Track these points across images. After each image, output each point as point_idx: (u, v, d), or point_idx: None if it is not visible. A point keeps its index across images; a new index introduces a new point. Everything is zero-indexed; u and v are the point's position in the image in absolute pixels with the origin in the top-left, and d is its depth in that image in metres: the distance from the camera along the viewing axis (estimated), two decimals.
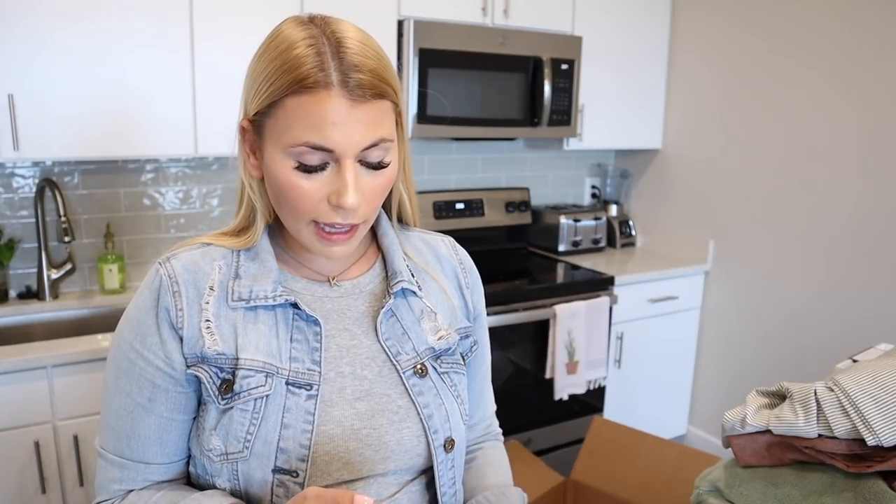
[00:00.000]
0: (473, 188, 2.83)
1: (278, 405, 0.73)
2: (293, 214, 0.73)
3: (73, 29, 1.78)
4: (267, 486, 0.72)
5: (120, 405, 0.76)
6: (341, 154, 0.69)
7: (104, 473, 0.79)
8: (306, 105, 0.67)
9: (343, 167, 0.69)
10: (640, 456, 1.69)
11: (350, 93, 0.67)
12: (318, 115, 0.67)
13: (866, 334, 2.23)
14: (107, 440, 0.78)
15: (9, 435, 1.63)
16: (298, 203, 0.71)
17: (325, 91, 0.67)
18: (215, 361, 0.74)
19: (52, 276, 2.07)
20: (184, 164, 2.27)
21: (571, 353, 2.39)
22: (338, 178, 0.70)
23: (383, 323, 0.80)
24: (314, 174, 0.70)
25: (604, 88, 2.68)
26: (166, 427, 0.76)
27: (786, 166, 2.46)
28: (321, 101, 0.67)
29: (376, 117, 0.70)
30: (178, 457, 0.79)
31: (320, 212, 0.71)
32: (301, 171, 0.70)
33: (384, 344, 0.79)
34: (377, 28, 2.17)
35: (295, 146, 0.68)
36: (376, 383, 0.78)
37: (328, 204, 0.71)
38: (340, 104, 0.67)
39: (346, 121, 0.67)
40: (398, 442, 0.77)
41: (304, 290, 0.80)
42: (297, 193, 0.70)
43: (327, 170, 0.70)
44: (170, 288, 0.75)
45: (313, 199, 0.70)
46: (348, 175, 0.69)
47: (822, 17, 2.30)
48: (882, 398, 0.73)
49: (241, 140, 0.76)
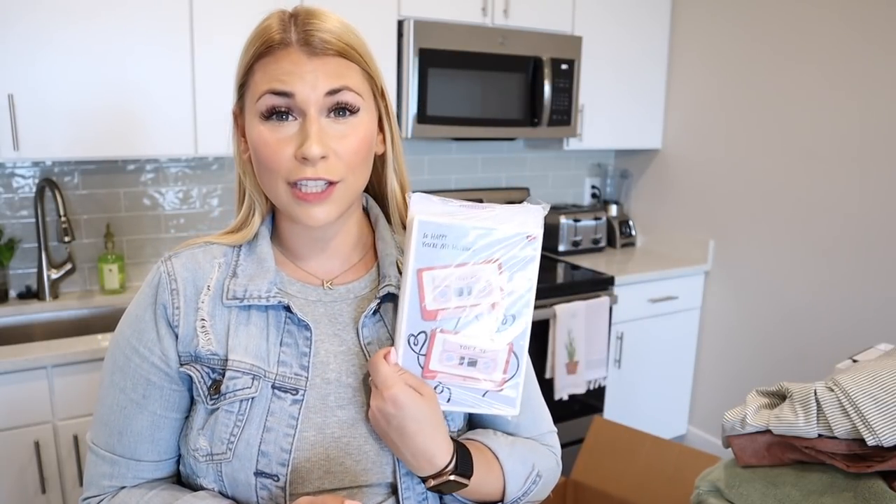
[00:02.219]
0: (473, 188, 2.83)
1: (263, 408, 0.73)
2: (269, 177, 0.73)
3: (73, 29, 1.78)
4: (251, 489, 0.72)
5: (113, 400, 0.77)
6: (302, 101, 0.71)
7: (94, 468, 0.79)
8: (269, 63, 0.72)
9: (307, 118, 0.71)
10: (640, 456, 1.69)
11: (308, 48, 0.71)
12: (277, 67, 0.71)
13: (866, 334, 2.23)
14: (98, 435, 0.79)
15: (9, 435, 1.63)
16: (270, 160, 0.72)
17: (285, 49, 0.71)
18: (208, 361, 0.74)
19: (52, 276, 2.07)
20: (184, 164, 2.27)
21: (571, 353, 2.39)
22: (302, 131, 0.71)
23: (367, 326, 0.79)
24: (280, 127, 0.72)
25: (604, 88, 2.68)
26: (159, 424, 0.76)
27: (786, 166, 2.46)
28: (281, 56, 0.71)
29: (337, 70, 0.72)
30: (168, 455, 0.79)
31: (291, 169, 0.72)
32: (267, 122, 0.72)
33: (366, 348, 0.78)
34: (377, 28, 2.17)
35: (259, 98, 0.72)
36: (360, 392, 0.77)
37: (296, 160, 0.71)
38: (299, 56, 0.71)
39: (305, 69, 0.71)
40: (378, 453, 0.75)
41: (298, 292, 0.80)
42: (268, 150, 0.72)
43: (294, 124, 0.72)
44: (168, 285, 0.76)
45: (282, 154, 0.71)
46: (311, 125, 0.71)
47: (822, 16, 2.30)
48: (882, 398, 0.73)
49: (234, 128, 0.79)
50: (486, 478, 0.77)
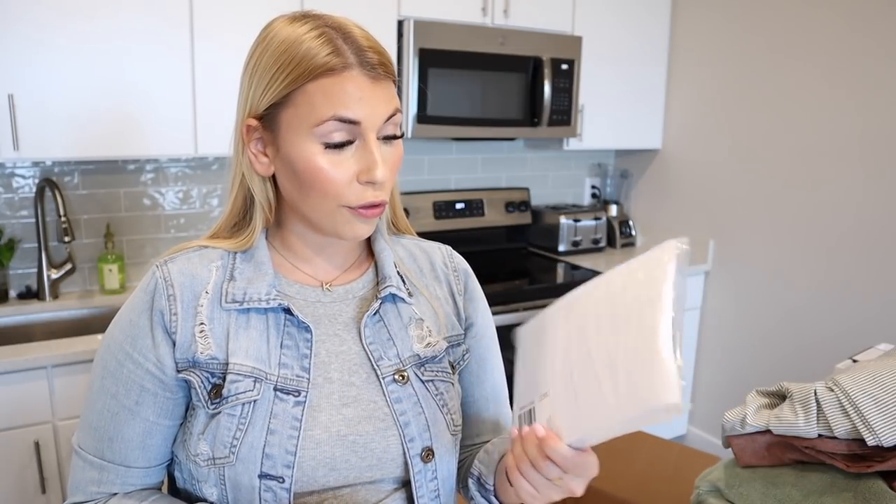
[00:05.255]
0: (473, 188, 2.83)
1: (265, 411, 0.73)
2: (322, 199, 0.72)
3: (72, 28, 1.78)
4: (254, 492, 0.72)
5: (104, 406, 0.76)
6: (366, 127, 0.71)
7: (81, 473, 0.77)
8: (330, 85, 0.69)
9: (368, 142, 0.71)
10: (640, 456, 1.69)
11: (368, 71, 0.70)
12: (344, 92, 0.69)
13: (866, 334, 2.22)
14: (86, 440, 0.77)
15: (9, 435, 1.63)
16: (328, 186, 0.71)
17: (348, 70, 0.69)
18: (207, 366, 0.74)
19: (52, 276, 2.07)
20: (184, 164, 2.27)
21: None
22: (365, 155, 0.71)
23: (368, 327, 0.79)
24: (340, 154, 0.71)
25: (604, 88, 2.68)
26: (151, 431, 0.76)
27: (786, 166, 2.46)
28: (345, 79, 0.69)
29: (389, 94, 0.73)
30: (158, 461, 0.78)
31: (351, 192, 0.72)
32: (328, 150, 0.71)
33: (368, 348, 0.78)
34: (377, 28, 2.16)
35: (322, 123, 0.69)
36: (364, 390, 0.77)
37: (357, 183, 0.72)
38: (363, 80, 0.70)
39: (370, 95, 0.70)
40: (384, 450, 0.76)
41: (297, 294, 0.80)
42: (326, 176, 0.71)
43: (352, 149, 0.71)
44: (165, 291, 0.75)
45: (342, 180, 0.71)
46: (375, 150, 0.71)
47: (822, 15, 2.30)
48: (882, 398, 0.73)
49: (245, 141, 0.75)
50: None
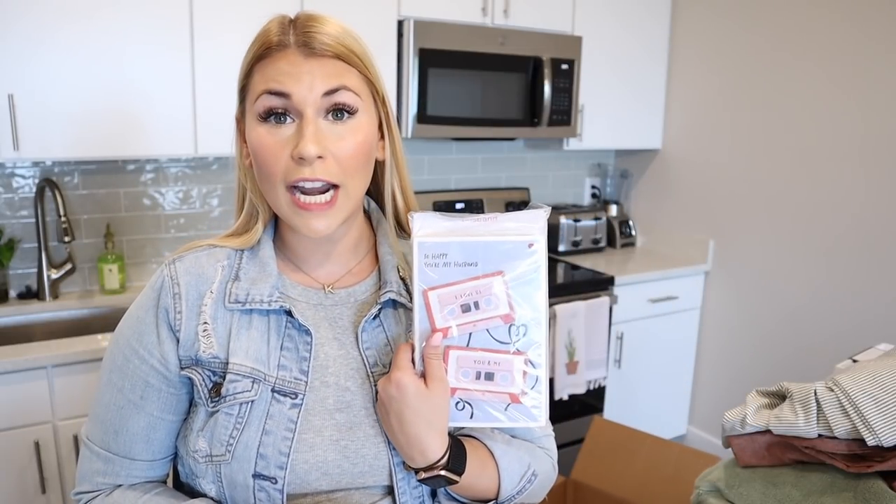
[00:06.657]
0: (473, 188, 2.83)
1: (262, 411, 0.74)
2: (269, 182, 0.73)
3: (72, 28, 1.78)
4: (249, 491, 0.73)
5: (111, 399, 0.78)
6: (299, 101, 0.70)
7: (88, 464, 0.80)
8: (265, 65, 0.72)
9: (304, 119, 0.71)
10: (640, 456, 1.69)
11: (306, 49, 0.71)
12: (275, 68, 0.71)
13: (866, 334, 2.23)
14: (94, 432, 0.79)
15: (9, 435, 1.63)
16: (268, 161, 0.72)
17: (283, 50, 0.71)
18: (208, 365, 0.75)
19: (52, 276, 2.07)
20: (184, 164, 2.27)
21: (571, 353, 2.39)
22: (298, 132, 0.71)
23: (366, 331, 0.79)
24: (278, 129, 0.72)
25: (604, 88, 2.68)
26: (155, 426, 0.78)
27: (786, 166, 2.46)
28: (278, 58, 0.71)
29: (335, 71, 0.72)
30: (162, 455, 0.80)
31: (287, 170, 0.71)
32: (265, 124, 0.72)
33: (364, 353, 0.78)
34: (377, 28, 2.17)
35: (257, 99, 0.72)
36: (358, 395, 0.77)
37: (293, 161, 0.71)
38: (296, 57, 0.71)
39: (302, 70, 0.71)
40: (375, 456, 0.76)
41: (299, 296, 0.80)
42: (265, 152, 0.72)
43: (291, 126, 0.72)
44: (171, 289, 0.76)
45: (280, 157, 0.71)
46: (307, 125, 0.70)
47: (823, 15, 2.30)
48: (882, 398, 0.73)
49: (237, 134, 0.79)
50: (481, 475, 0.78)
